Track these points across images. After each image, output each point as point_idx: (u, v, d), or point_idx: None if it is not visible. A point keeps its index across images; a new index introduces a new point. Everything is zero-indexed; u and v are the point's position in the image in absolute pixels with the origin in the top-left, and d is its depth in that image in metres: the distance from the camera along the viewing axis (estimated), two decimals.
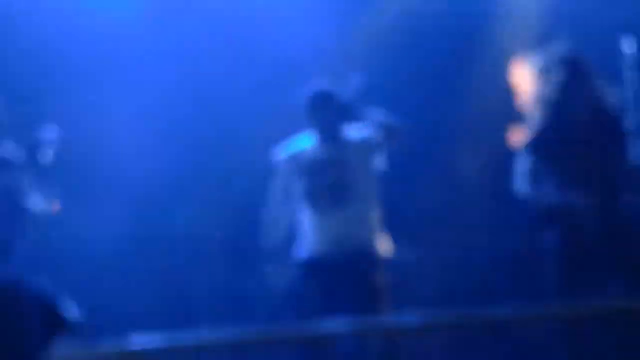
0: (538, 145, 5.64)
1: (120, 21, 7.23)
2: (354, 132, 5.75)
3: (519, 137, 5.67)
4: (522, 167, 5.72)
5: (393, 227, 5.95)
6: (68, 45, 7.14)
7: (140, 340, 3.99)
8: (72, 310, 3.65)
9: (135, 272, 6.75)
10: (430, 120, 6.90)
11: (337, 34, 7.40)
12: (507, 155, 5.91)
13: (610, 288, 5.52)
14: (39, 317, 3.65)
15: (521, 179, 5.78)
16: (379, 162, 5.81)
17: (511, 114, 5.86)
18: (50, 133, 5.49)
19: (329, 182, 5.80)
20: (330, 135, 5.73)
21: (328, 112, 5.73)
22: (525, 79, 5.61)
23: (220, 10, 7.36)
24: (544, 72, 5.58)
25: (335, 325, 5.06)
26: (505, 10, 7.60)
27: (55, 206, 5.47)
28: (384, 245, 5.72)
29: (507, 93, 6.11)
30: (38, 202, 5.43)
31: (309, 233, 5.76)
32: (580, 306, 5.39)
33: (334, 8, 7.44)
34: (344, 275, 5.70)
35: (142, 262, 6.90)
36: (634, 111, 5.55)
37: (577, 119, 5.62)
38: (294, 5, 7.38)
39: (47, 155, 5.51)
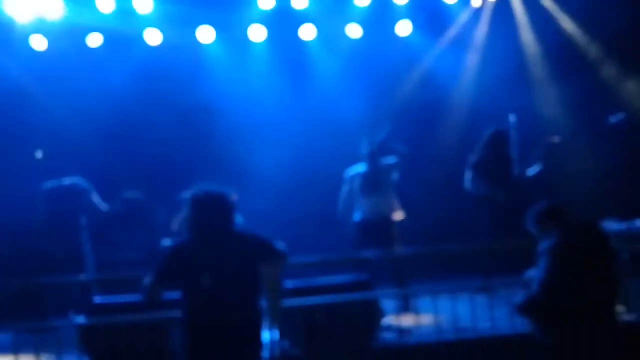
0: (475, 166, 6.51)
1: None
2: (385, 159, 6.35)
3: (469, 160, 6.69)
4: (468, 176, 6.57)
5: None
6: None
7: None
8: (281, 244, 3.64)
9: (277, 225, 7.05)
10: (419, 151, 7.32)
11: (371, 107, 8.01)
12: (462, 168, 6.76)
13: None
14: (267, 251, 3.51)
15: (467, 182, 6.60)
16: (395, 173, 6.36)
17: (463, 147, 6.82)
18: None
19: (371, 182, 6.27)
20: (372, 161, 6.29)
21: (371, 148, 6.28)
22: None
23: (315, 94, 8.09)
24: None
25: (372, 254, 5.73)
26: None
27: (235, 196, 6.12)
28: (398, 214, 6.38)
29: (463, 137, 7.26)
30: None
31: (360, 207, 6.34)
32: (496, 245, 6.06)
33: (370, 93, 8.09)
34: (376, 229, 6.24)
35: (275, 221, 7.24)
36: (515, 149, 6.32)
37: (493, 156, 6.45)
38: (349, 92, 8.03)
39: None
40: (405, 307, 5.77)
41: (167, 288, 3.47)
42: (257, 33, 8.01)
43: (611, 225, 4.25)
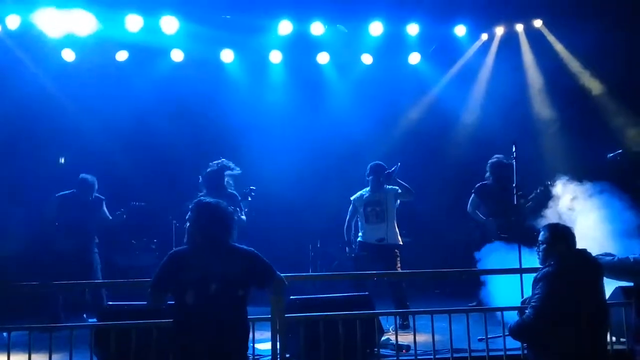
0: (476, 191, 6.59)
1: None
2: (389, 186, 6.30)
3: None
4: (471, 201, 6.63)
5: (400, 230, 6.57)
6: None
7: None
8: (278, 273, 3.60)
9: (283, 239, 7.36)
10: (429, 177, 7.53)
11: (380, 135, 8.12)
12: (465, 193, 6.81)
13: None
14: (266, 276, 3.50)
15: (470, 206, 6.67)
16: (398, 203, 6.35)
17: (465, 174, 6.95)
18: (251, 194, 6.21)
19: (375, 210, 6.27)
20: (377, 187, 6.28)
21: (377, 176, 6.27)
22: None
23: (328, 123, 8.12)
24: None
25: (372, 274, 5.69)
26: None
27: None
28: (398, 239, 6.36)
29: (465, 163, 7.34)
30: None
31: (363, 230, 6.36)
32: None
33: (377, 122, 8.14)
34: (380, 252, 6.24)
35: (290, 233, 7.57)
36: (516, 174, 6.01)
37: (493, 184, 6.57)
38: (360, 123, 8.04)
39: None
40: (403, 325, 5.64)
41: (164, 295, 3.37)
42: (275, 55, 8.13)
43: (604, 257, 4.09)
